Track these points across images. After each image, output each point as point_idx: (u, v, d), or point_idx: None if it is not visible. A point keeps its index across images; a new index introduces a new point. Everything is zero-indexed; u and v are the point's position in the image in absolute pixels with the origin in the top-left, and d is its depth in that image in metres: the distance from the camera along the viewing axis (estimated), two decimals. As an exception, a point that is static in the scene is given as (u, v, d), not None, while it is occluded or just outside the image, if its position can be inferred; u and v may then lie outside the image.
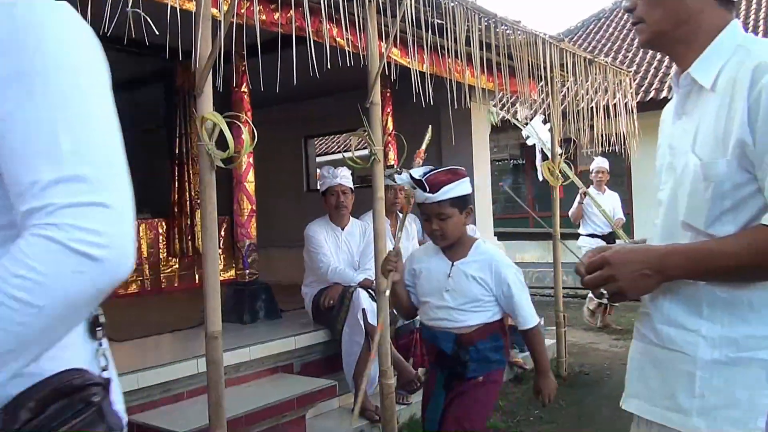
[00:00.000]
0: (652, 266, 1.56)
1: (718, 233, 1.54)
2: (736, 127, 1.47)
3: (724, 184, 1.51)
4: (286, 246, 7.69)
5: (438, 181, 2.98)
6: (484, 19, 5.05)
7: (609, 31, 16.30)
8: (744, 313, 1.52)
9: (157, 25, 3.14)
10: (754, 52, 1.52)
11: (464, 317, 3.08)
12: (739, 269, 1.49)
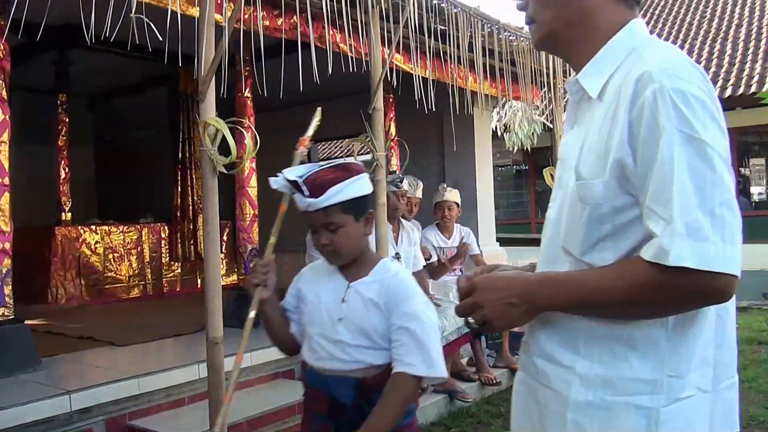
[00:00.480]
0: (519, 295, 1.40)
1: (595, 262, 1.38)
2: (615, 145, 1.31)
3: (601, 208, 1.36)
4: (290, 251, 7.68)
5: (321, 181, 2.24)
6: (487, 25, 5.06)
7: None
8: (624, 351, 1.36)
9: (161, 31, 3.15)
10: (644, 58, 1.35)
11: (364, 356, 2.26)
12: (612, 305, 1.34)
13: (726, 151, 1.26)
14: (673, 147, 1.23)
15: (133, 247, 8.20)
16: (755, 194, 12.55)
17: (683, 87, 1.25)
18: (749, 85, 11.22)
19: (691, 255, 1.19)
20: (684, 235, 1.20)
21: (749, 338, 8.10)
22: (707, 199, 1.22)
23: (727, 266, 1.20)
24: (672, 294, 1.25)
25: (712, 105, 1.27)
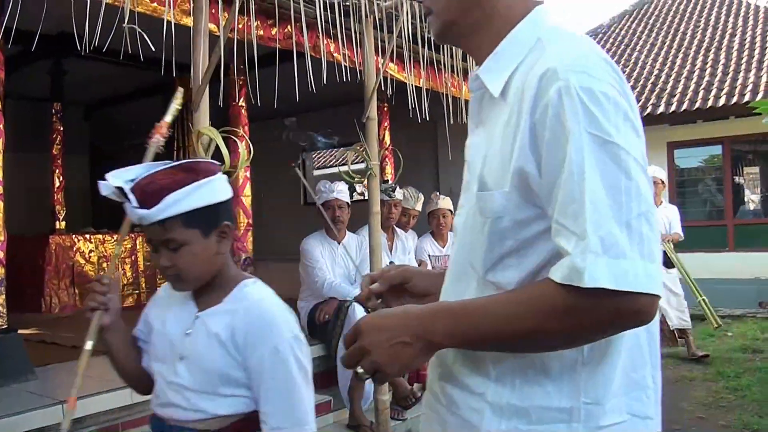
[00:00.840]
0: (411, 332, 1.19)
1: (499, 281, 1.23)
2: (517, 151, 1.16)
3: (501, 221, 1.20)
4: (284, 260, 7.69)
5: (155, 187, 1.76)
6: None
7: (606, 46, 16.36)
8: (538, 377, 1.20)
9: (156, 40, 3.15)
10: (548, 52, 1.19)
11: (206, 404, 1.80)
12: (518, 337, 1.15)
13: (642, 155, 1.13)
14: (582, 152, 1.08)
15: (128, 255, 8.19)
16: (749, 203, 12.57)
17: (592, 85, 1.11)
18: (743, 94, 11.26)
19: (608, 274, 1.05)
20: (598, 252, 1.05)
21: (743, 346, 8.12)
22: (623, 210, 1.07)
23: (647, 285, 1.06)
24: (587, 320, 1.09)
25: (626, 104, 1.13)
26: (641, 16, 17.31)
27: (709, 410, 5.66)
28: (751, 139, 12.11)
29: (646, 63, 14.24)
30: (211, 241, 1.80)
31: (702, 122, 11.83)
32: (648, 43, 15.34)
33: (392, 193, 5.70)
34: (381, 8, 4.14)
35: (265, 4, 3.98)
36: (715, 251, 11.46)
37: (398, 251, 5.79)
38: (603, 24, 17.93)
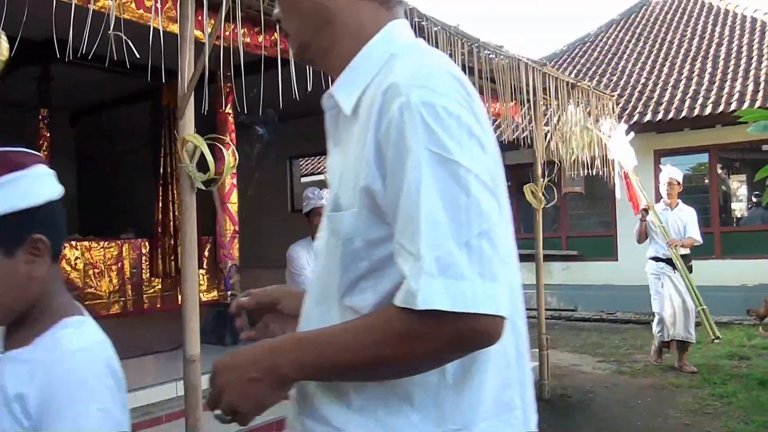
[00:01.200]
0: (260, 366, 1.14)
1: (358, 305, 1.17)
2: (363, 169, 1.12)
3: (353, 242, 1.16)
4: (272, 266, 7.67)
5: None
6: (467, 43, 5.09)
7: (594, 55, 16.46)
8: (401, 405, 1.14)
9: (142, 46, 3.15)
10: (395, 68, 1.15)
11: None
12: (363, 366, 1.10)
13: (488, 172, 1.09)
14: (420, 169, 1.04)
15: (114, 263, 8.16)
16: (736, 210, 12.65)
17: (434, 100, 1.07)
18: (729, 103, 11.34)
19: (444, 295, 1.00)
20: (434, 273, 1.01)
21: (730, 353, 8.16)
22: (462, 229, 1.03)
23: (488, 306, 1.02)
24: (427, 344, 1.05)
25: (471, 120, 1.10)
26: (628, 26, 17.42)
27: (695, 417, 5.68)
28: (738, 148, 12.20)
29: (633, 72, 14.32)
30: (17, 261, 1.33)
31: (689, 130, 11.91)
32: (635, 52, 15.43)
33: None
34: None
35: (251, 11, 3.97)
36: (702, 258, 11.48)
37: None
38: (590, 33, 18.01)
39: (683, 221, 7.43)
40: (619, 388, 6.81)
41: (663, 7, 17.59)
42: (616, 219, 12.76)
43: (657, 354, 7.70)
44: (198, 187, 3.08)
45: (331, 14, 1.25)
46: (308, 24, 1.28)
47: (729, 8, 15.88)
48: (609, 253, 12.84)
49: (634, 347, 8.94)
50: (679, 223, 7.41)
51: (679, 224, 7.40)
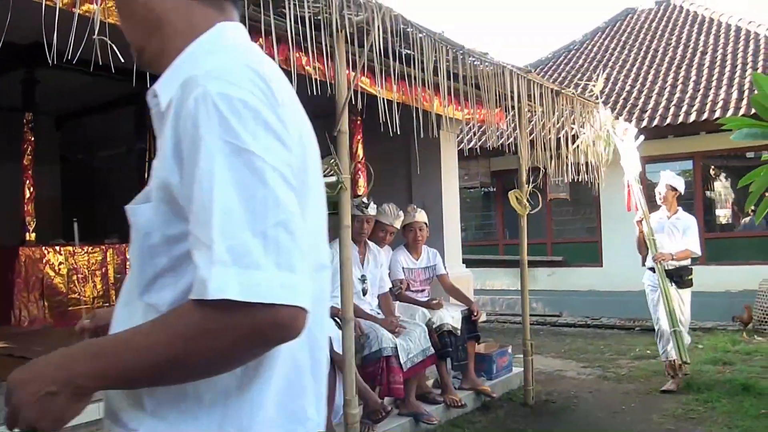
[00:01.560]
0: (54, 379, 1.08)
1: (157, 303, 1.14)
2: (161, 162, 1.12)
3: (151, 237, 1.14)
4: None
5: None
6: (452, 50, 5.10)
7: (579, 62, 16.54)
8: (194, 408, 1.12)
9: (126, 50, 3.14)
10: (200, 63, 1.15)
11: None
12: (161, 368, 1.06)
13: (286, 165, 1.08)
14: (214, 159, 1.03)
15: (98, 268, 8.10)
16: (720, 217, 12.73)
17: (230, 92, 1.07)
18: (713, 111, 11.43)
19: (235, 285, 0.98)
20: (227, 262, 0.99)
21: (714, 359, 8.21)
22: (258, 219, 1.02)
23: (285, 296, 1.00)
24: (223, 339, 1.02)
25: (269, 113, 1.09)
26: (614, 33, 17.52)
27: (679, 422, 5.71)
28: (722, 155, 12.30)
29: (618, 79, 14.40)
30: None
31: (673, 138, 11.99)
32: (620, 60, 15.52)
33: (365, 208, 5.71)
34: (352, 23, 4.15)
35: (236, 15, 3.97)
36: (687, 265, 11.59)
37: (370, 265, 5.79)
38: (576, 40, 18.11)
39: (679, 230, 6.99)
40: (603, 393, 6.83)
41: (648, 16, 17.70)
42: (600, 225, 12.84)
43: (672, 378, 6.86)
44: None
45: (160, 18, 1.26)
46: (141, 29, 1.30)
47: (714, 17, 16.01)
48: (594, 259, 12.90)
49: (619, 353, 8.98)
50: (675, 232, 6.99)
51: (675, 233, 6.98)
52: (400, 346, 5.28)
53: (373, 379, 5.12)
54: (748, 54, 13.52)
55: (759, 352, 8.68)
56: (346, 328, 4.20)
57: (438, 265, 6.59)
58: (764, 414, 5.77)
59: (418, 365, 5.45)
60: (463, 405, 5.96)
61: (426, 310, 6.03)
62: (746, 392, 6.54)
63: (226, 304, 0.98)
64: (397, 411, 5.45)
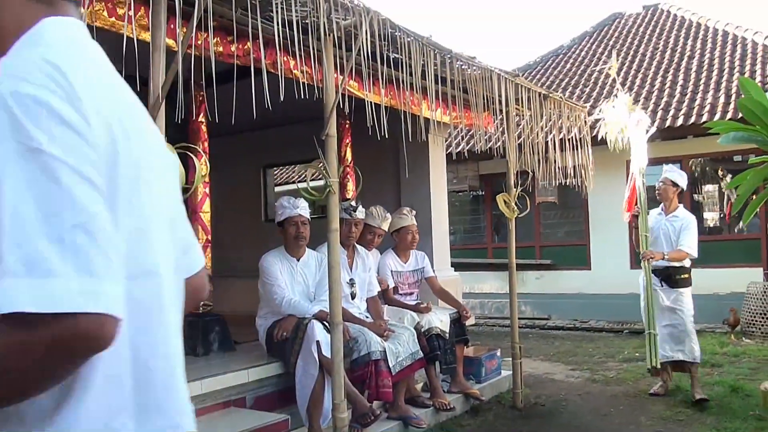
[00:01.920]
0: None
1: None
2: None
3: None
4: (245, 276, 7.65)
5: None
6: (440, 54, 5.11)
7: (567, 66, 16.60)
8: (18, 427, 1.04)
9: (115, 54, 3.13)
10: (4, 63, 1.09)
11: None
12: None
13: (87, 162, 1.02)
14: (5, 163, 0.96)
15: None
16: (708, 220, 12.79)
17: (23, 89, 1.01)
18: (700, 115, 11.50)
19: (27, 296, 0.91)
20: (19, 273, 0.92)
21: (702, 361, 8.23)
22: (54, 223, 0.95)
23: (85, 303, 0.93)
24: (26, 353, 0.95)
25: (66, 108, 1.02)
26: (601, 38, 17.60)
27: (668, 424, 5.73)
28: (710, 158, 12.38)
29: (606, 83, 14.46)
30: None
31: (660, 141, 12.03)
32: (596, 64, 15.60)
33: (354, 212, 5.71)
34: (340, 27, 4.16)
35: (224, 20, 3.97)
36: (675, 268, 11.65)
37: (358, 268, 5.79)
38: (564, 45, 18.17)
39: (676, 229, 6.63)
40: (592, 396, 6.85)
41: (635, 20, 17.79)
42: (589, 228, 12.89)
43: (661, 381, 6.81)
44: (169, 196, 3.06)
45: None
46: None
47: (701, 22, 16.10)
48: (582, 261, 12.94)
49: (607, 355, 9.00)
50: (671, 231, 6.65)
51: (671, 232, 6.65)
52: (389, 350, 5.28)
53: (361, 382, 5.12)
54: (736, 58, 13.61)
55: (747, 354, 8.73)
56: (335, 331, 4.20)
57: (426, 267, 6.60)
58: (752, 415, 5.80)
59: (406, 369, 5.45)
60: (452, 408, 5.96)
61: (414, 313, 6.04)
62: (734, 393, 6.57)
63: (22, 317, 0.91)
64: (385, 415, 5.44)
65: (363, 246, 6.05)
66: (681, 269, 6.60)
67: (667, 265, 6.58)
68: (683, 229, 6.58)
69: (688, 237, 6.54)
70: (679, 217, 6.69)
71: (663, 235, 6.69)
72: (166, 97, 3.17)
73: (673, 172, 6.90)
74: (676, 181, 6.77)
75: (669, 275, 6.59)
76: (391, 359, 5.26)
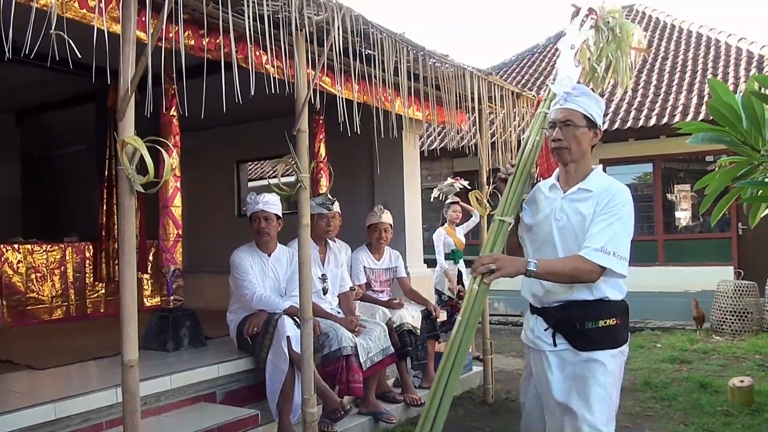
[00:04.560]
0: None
1: None
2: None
3: None
4: (218, 271, 7.63)
5: None
6: (413, 51, 5.12)
7: (542, 65, 16.70)
8: None
9: (86, 46, 3.11)
10: None
11: None
12: None
13: None
14: None
15: (57, 266, 8.00)
16: (681, 219, 12.93)
17: None
18: (673, 115, 11.63)
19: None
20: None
21: (672, 357, 8.35)
22: None
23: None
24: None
25: None
26: (578, 36, 17.69)
27: (636, 419, 5.79)
28: (683, 158, 12.51)
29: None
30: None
31: (634, 141, 12.17)
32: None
33: (331, 206, 5.71)
34: (312, 22, 4.15)
35: (196, 13, 3.96)
36: (646, 265, 11.78)
37: (330, 264, 5.79)
38: (539, 44, 18.27)
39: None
40: (562, 392, 6.88)
41: (611, 20, 17.90)
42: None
43: None
44: (137, 189, 3.05)
45: None
46: None
47: (675, 23, 16.27)
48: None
49: (579, 353, 9.06)
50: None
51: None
52: (360, 346, 5.29)
53: (332, 377, 5.12)
54: (709, 60, 13.77)
55: (717, 351, 8.85)
56: (305, 327, 4.20)
57: (399, 267, 6.61)
58: (720, 411, 5.89)
59: (377, 364, 5.47)
60: (422, 403, 5.97)
61: (386, 309, 6.05)
62: (703, 389, 6.67)
63: None
64: (356, 410, 5.46)
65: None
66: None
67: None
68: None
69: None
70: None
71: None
72: (137, 90, 3.16)
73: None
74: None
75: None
76: (362, 354, 5.28)
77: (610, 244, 2.75)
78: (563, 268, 2.82)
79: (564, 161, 3.02)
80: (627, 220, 2.85)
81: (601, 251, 2.74)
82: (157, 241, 6.30)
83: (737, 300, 10.35)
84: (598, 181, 2.96)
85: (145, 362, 3.14)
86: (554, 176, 3.14)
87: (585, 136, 2.97)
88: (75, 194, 9.76)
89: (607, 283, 2.89)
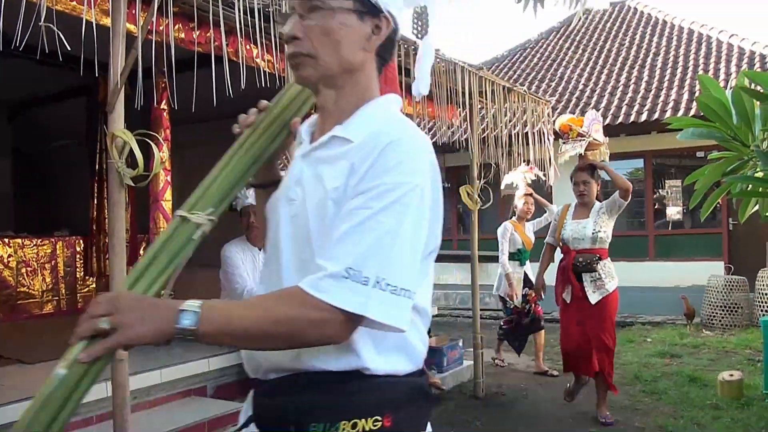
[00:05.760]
0: None
1: None
2: None
3: None
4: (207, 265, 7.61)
5: None
6: (404, 46, 5.13)
7: (534, 60, 16.72)
8: None
9: (77, 39, 3.11)
10: None
11: None
12: None
13: None
14: None
15: (47, 261, 7.98)
16: (673, 214, 12.98)
17: None
18: (664, 111, 11.67)
19: None
20: None
21: (662, 352, 8.39)
22: None
23: None
24: None
25: None
26: (568, 33, 17.74)
27: (626, 413, 5.81)
28: (672, 154, 12.54)
29: (572, 78, 14.59)
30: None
31: (625, 136, 12.19)
32: (574, 59, 15.73)
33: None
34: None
35: (186, 6, 3.95)
36: (637, 260, 11.82)
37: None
38: (531, 39, 18.29)
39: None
40: (552, 385, 6.92)
41: (602, 16, 17.96)
42: (552, 221, 13.00)
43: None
44: (128, 183, 3.05)
45: None
46: None
47: (666, 19, 16.31)
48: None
49: (570, 347, 9.09)
50: None
51: None
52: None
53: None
54: (700, 56, 13.81)
55: (706, 346, 8.89)
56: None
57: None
58: (710, 404, 5.92)
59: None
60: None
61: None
62: (692, 383, 6.70)
63: None
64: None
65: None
66: None
67: None
68: None
69: None
70: None
71: None
72: (128, 83, 3.15)
73: None
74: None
75: None
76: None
77: (368, 261, 1.28)
78: (258, 318, 1.32)
79: (307, 82, 1.54)
80: (413, 209, 1.33)
81: (345, 278, 1.27)
82: (148, 235, 6.28)
83: (727, 295, 10.39)
84: (369, 123, 1.47)
85: (135, 356, 3.14)
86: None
87: (347, 30, 1.47)
88: (66, 189, 9.72)
89: (374, 339, 1.39)
